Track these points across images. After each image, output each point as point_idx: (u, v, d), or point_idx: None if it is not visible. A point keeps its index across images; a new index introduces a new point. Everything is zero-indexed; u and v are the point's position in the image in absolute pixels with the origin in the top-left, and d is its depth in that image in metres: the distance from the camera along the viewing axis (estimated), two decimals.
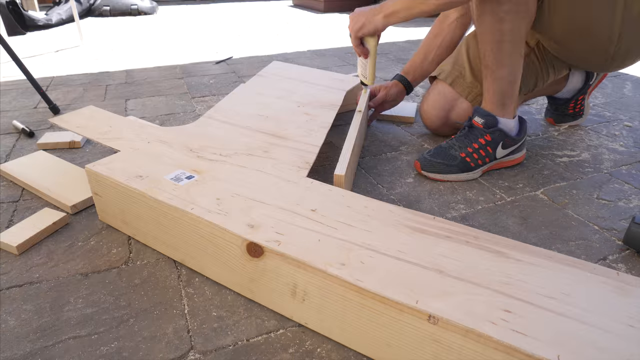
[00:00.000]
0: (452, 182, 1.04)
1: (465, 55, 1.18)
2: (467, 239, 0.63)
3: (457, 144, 1.04)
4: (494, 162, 1.07)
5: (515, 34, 0.94)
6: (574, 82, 1.27)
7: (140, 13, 3.76)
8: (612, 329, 0.48)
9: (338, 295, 0.57)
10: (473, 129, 1.05)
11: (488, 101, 1.04)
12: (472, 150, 1.03)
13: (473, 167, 1.04)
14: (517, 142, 1.06)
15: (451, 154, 1.03)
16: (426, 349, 0.52)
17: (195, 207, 0.69)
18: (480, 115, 1.03)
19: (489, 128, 1.02)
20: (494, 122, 1.02)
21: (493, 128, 1.02)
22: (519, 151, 1.10)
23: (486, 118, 1.02)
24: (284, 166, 0.83)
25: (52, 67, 2.04)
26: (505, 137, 1.03)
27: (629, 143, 1.25)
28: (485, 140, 1.03)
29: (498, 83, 1.00)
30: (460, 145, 1.04)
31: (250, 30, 3.07)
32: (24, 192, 0.98)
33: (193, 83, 1.80)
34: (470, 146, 1.03)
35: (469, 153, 1.03)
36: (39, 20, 2.97)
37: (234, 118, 1.04)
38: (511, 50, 0.96)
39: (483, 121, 1.02)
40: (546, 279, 0.56)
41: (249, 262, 0.64)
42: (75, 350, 0.60)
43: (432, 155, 1.04)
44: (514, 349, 0.46)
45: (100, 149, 1.18)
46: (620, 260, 0.78)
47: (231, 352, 0.60)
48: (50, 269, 0.75)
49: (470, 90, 1.17)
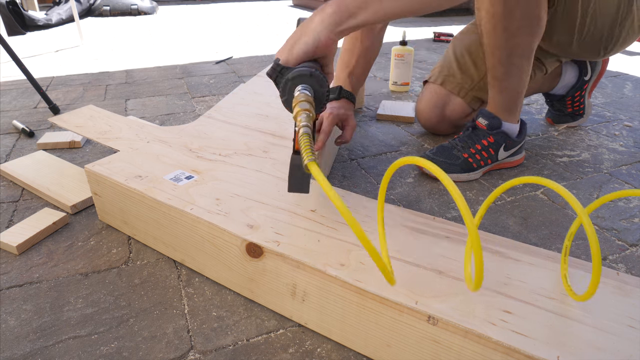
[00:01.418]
0: (455, 181, 1.04)
1: (452, 56, 1.20)
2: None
3: (460, 144, 1.05)
4: (495, 164, 1.07)
5: (525, 49, 0.95)
6: (567, 78, 1.28)
7: (140, 13, 3.76)
8: (611, 329, 0.48)
9: (338, 295, 0.57)
10: (477, 130, 1.05)
11: (494, 107, 1.04)
12: (474, 151, 1.03)
13: (475, 167, 1.04)
14: (518, 144, 1.07)
15: (454, 154, 1.03)
16: (426, 349, 0.52)
17: (194, 207, 0.69)
18: (485, 117, 1.03)
19: (492, 130, 1.03)
20: (498, 124, 1.03)
21: (497, 130, 1.03)
22: (519, 153, 1.10)
23: (490, 120, 1.03)
24: (283, 166, 0.82)
25: (52, 67, 2.04)
26: (507, 139, 1.04)
27: (629, 143, 1.25)
28: (488, 141, 1.03)
29: (506, 93, 1.01)
30: (463, 145, 1.04)
31: (250, 30, 3.07)
32: (24, 192, 0.98)
33: (193, 83, 1.80)
34: (473, 147, 1.03)
35: (471, 154, 1.03)
36: (39, 20, 2.97)
37: (234, 118, 1.04)
38: (521, 63, 0.96)
39: (487, 123, 1.03)
40: (546, 279, 0.56)
41: (249, 262, 0.64)
42: (75, 350, 0.60)
43: (435, 154, 1.05)
44: (514, 349, 0.46)
45: (100, 149, 1.18)
46: (620, 260, 0.78)
47: (231, 352, 0.60)
48: (50, 269, 0.75)
49: (461, 87, 1.19)
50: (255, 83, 1.31)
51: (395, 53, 1.62)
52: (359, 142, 1.25)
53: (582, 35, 1.05)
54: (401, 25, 3.17)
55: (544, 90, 1.33)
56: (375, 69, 2.01)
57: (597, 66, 1.28)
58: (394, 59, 1.63)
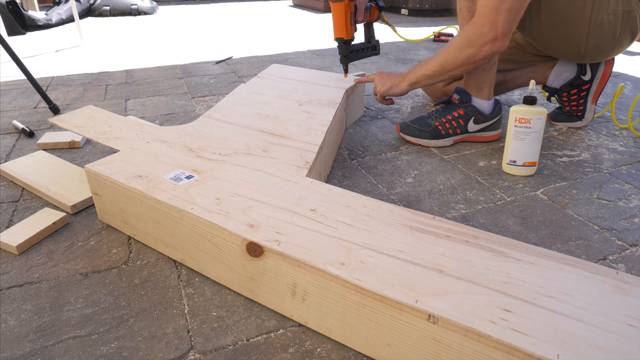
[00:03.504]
0: (425, 146, 1.22)
1: None
2: (467, 239, 0.63)
3: (435, 115, 1.22)
4: (466, 135, 1.23)
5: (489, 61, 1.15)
6: (562, 70, 1.30)
7: (140, 13, 3.76)
8: (611, 328, 0.48)
9: (338, 294, 0.57)
10: (450, 104, 1.22)
11: (465, 84, 1.22)
12: (445, 121, 1.20)
13: (444, 134, 1.21)
14: (490, 119, 1.21)
15: (427, 122, 1.21)
16: (426, 348, 0.52)
17: (194, 206, 0.69)
18: (457, 93, 1.21)
19: (462, 103, 1.20)
20: (467, 98, 1.20)
21: (466, 104, 1.20)
22: (494, 129, 1.24)
23: (461, 95, 1.20)
24: (283, 166, 0.83)
25: (52, 67, 2.04)
26: (477, 113, 1.20)
27: (629, 143, 1.25)
28: (458, 113, 1.20)
29: (474, 72, 1.17)
30: (437, 116, 1.22)
31: (250, 30, 3.07)
32: (24, 192, 0.98)
33: (193, 83, 1.80)
34: (445, 117, 1.20)
35: (442, 122, 1.20)
36: (39, 20, 2.97)
37: (234, 117, 1.04)
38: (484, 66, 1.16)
39: (458, 97, 1.20)
40: (546, 278, 0.56)
41: (249, 261, 0.64)
42: (75, 350, 0.60)
43: (412, 122, 1.23)
44: (514, 348, 0.46)
45: (100, 149, 1.18)
46: (620, 260, 0.78)
47: (231, 352, 0.60)
48: (50, 269, 0.75)
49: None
50: (255, 83, 1.31)
51: (515, 116, 1.03)
52: (359, 142, 1.25)
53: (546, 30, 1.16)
54: (402, 25, 3.17)
55: (538, 80, 1.36)
56: (375, 68, 2.01)
57: (599, 69, 1.27)
58: (514, 125, 1.04)
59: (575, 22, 1.12)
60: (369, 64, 2.10)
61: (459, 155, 1.17)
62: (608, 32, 1.13)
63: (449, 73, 1.11)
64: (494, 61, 1.17)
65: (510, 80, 1.39)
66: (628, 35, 1.16)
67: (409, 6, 3.59)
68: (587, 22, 1.11)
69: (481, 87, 1.19)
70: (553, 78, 1.31)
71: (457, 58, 1.07)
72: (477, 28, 1.02)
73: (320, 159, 0.92)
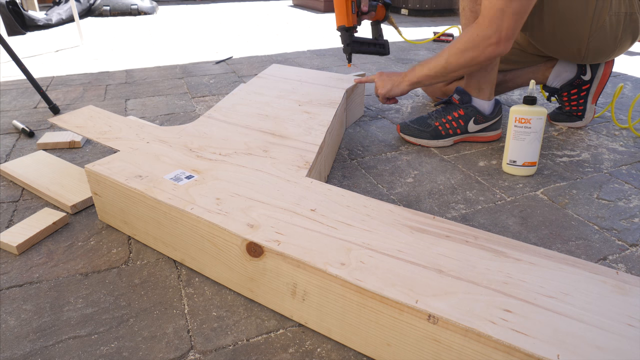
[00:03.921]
0: (425, 146, 1.21)
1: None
2: (467, 239, 0.63)
3: (435, 115, 1.22)
4: (466, 135, 1.22)
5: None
6: (562, 70, 1.30)
7: (140, 13, 3.76)
8: (611, 328, 0.48)
9: (338, 294, 0.57)
10: (451, 104, 1.22)
11: (465, 85, 1.21)
12: (445, 121, 1.20)
13: (444, 135, 1.20)
14: (490, 120, 1.21)
15: (427, 122, 1.21)
16: (426, 348, 0.52)
17: (194, 207, 0.69)
18: (458, 93, 1.20)
19: (463, 104, 1.19)
20: (467, 99, 1.19)
21: (467, 104, 1.19)
22: (494, 130, 1.24)
23: (462, 95, 1.19)
24: (283, 166, 0.83)
25: (52, 67, 2.04)
26: (477, 114, 1.19)
27: (629, 143, 1.25)
28: (458, 113, 1.19)
29: (475, 74, 1.17)
30: (437, 116, 1.21)
31: (250, 30, 3.07)
32: (24, 192, 0.98)
33: (193, 83, 1.80)
34: (445, 117, 1.20)
35: (442, 123, 1.20)
36: (39, 20, 2.97)
37: (234, 117, 1.04)
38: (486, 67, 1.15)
39: (459, 97, 1.20)
40: (546, 278, 0.56)
41: (249, 261, 0.64)
42: (75, 350, 0.60)
43: (412, 122, 1.23)
44: (514, 348, 0.46)
45: (100, 149, 1.18)
46: (620, 260, 0.78)
47: (231, 352, 0.60)
48: (50, 269, 0.75)
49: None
50: (255, 83, 1.31)
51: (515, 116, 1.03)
52: (359, 142, 1.25)
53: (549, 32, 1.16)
54: (402, 25, 3.17)
55: (538, 80, 1.36)
56: (375, 68, 2.01)
57: (598, 70, 1.27)
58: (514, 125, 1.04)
59: (577, 24, 1.12)
60: (369, 64, 2.10)
61: (459, 155, 1.17)
62: (609, 34, 1.13)
63: (450, 74, 1.10)
64: (496, 62, 1.17)
65: (510, 80, 1.39)
66: (629, 37, 1.16)
67: (409, 6, 3.59)
68: (589, 24, 1.11)
69: (482, 88, 1.18)
70: (553, 78, 1.31)
71: (460, 60, 1.06)
72: (481, 30, 1.01)
73: (320, 159, 0.92)
